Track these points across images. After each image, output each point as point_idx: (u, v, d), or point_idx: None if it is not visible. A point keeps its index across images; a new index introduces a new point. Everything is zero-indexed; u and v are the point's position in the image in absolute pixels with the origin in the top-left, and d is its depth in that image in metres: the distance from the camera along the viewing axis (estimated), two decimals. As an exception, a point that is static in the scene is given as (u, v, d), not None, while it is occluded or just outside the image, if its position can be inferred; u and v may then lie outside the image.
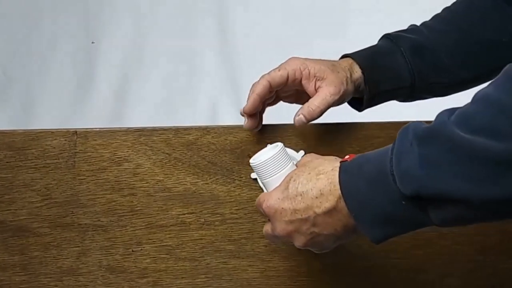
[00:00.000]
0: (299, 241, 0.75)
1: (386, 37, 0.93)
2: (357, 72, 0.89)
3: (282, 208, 0.74)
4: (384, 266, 0.94)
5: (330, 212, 0.71)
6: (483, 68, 0.93)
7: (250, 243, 0.91)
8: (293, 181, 0.74)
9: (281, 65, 0.88)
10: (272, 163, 0.78)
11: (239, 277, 0.92)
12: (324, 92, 0.85)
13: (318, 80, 0.86)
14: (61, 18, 1.98)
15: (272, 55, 1.94)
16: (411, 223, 0.68)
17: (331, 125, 0.92)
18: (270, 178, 0.78)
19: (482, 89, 0.63)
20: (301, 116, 0.85)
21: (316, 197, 0.72)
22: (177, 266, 0.91)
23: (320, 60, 0.88)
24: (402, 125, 0.67)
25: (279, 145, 0.79)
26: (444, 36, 0.92)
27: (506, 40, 0.92)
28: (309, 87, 0.86)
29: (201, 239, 0.91)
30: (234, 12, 2.01)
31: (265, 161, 0.78)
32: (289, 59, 0.89)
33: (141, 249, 0.90)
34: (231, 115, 1.90)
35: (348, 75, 0.87)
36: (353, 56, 0.90)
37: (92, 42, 1.97)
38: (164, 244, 0.90)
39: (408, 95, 0.92)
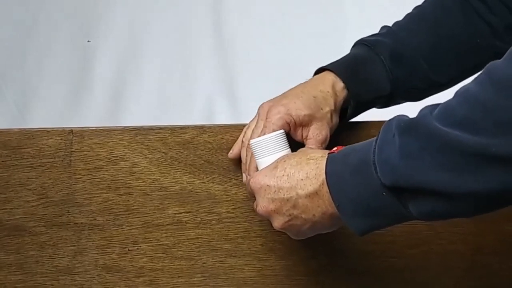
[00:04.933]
0: (277, 222, 0.76)
1: (363, 43, 0.91)
2: (342, 91, 0.87)
3: (267, 184, 0.75)
4: (380, 265, 0.94)
5: (311, 196, 0.73)
6: (459, 70, 0.93)
7: (246, 242, 0.92)
8: (283, 162, 0.76)
9: (264, 120, 0.84)
10: (269, 143, 0.80)
11: (236, 276, 0.92)
12: (314, 143, 0.84)
13: (304, 127, 0.84)
14: (57, 17, 1.98)
15: (269, 54, 1.95)
16: (392, 216, 0.69)
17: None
18: (264, 158, 0.80)
19: (465, 85, 0.65)
20: None
21: (302, 179, 0.73)
22: (174, 265, 0.91)
23: (300, 96, 0.85)
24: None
25: (281, 130, 0.82)
26: (420, 39, 0.91)
27: (479, 42, 0.91)
28: (296, 136, 0.85)
29: (197, 238, 0.91)
30: (230, 11, 2.01)
31: (262, 139, 0.80)
32: (267, 108, 0.84)
33: (138, 248, 0.90)
34: (227, 114, 1.90)
35: (332, 107, 0.85)
36: (335, 70, 0.87)
37: (88, 41, 1.97)
38: (161, 243, 0.90)
39: (385, 103, 0.92)
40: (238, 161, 0.90)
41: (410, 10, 0.95)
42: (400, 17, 0.95)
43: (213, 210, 0.91)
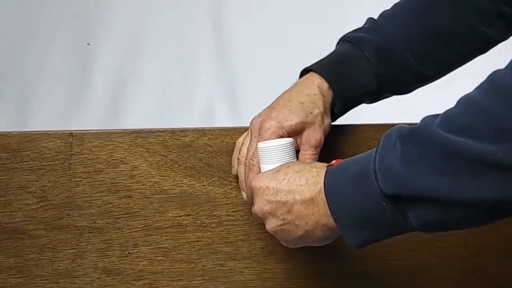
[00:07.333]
0: (270, 224, 0.76)
1: (347, 40, 0.90)
2: (328, 92, 0.86)
3: (267, 186, 0.76)
4: (380, 269, 0.94)
5: (307, 202, 0.73)
6: (446, 62, 0.92)
7: (246, 245, 0.91)
8: (286, 167, 0.76)
9: (257, 138, 0.83)
10: (277, 151, 0.80)
11: (236, 279, 0.91)
12: (308, 148, 0.84)
13: (298, 134, 0.84)
14: (57, 20, 1.98)
15: (269, 54, 1.95)
16: (390, 227, 0.69)
17: (328, 127, 0.92)
18: (269, 165, 0.80)
19: (467, 93, 0.65)
20: None
21: (301, 185, 0.74)
22: (174, 268, 0.91)
23: (288, 105, 0.84)
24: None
25: (291, 139, 0.82)
26: (407, 33, 0.89)
27: (468, 32, 0.90)
28: None
29: (197, 241, 0.91)
30: (230, 14, 2.01)
31: (271, 146, 0.81)
32: (258, 124, 0.84)
33: (138, 251, 0.90)
34: (228, 117, 1.90)
35: (322, 109, 0.85)
36: (319, 70, 0.86)
37: (88, 44, 1.97)
38: (161, 246, 0.90)
39: (373, 98, 0.92)
40: (238, 164, 0.90)
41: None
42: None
43: (213, 213, 0.91)
